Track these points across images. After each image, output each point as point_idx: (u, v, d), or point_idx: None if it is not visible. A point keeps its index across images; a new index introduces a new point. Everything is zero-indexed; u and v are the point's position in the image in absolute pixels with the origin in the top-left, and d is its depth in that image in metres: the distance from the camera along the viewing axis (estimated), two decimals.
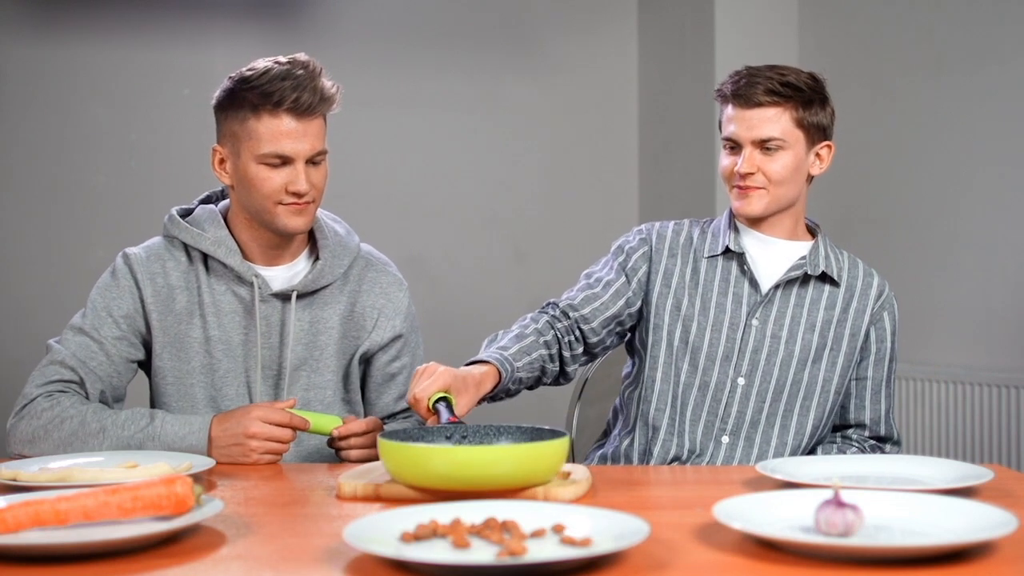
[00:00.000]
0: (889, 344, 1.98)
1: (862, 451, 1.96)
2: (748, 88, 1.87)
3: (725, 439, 1.89)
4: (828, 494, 1.17)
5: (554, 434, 1.47)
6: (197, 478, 1.54)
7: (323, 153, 1.79)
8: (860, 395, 1.96)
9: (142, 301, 1.81)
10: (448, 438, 1.52)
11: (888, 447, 1.98)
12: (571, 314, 1.93)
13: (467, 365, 1.75)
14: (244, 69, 1.78)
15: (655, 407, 1.92)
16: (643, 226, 2.03)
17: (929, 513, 1.21)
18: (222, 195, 1.96)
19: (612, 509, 1.20)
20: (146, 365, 1.88)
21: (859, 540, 1.11)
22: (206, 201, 1.95)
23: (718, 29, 3.73)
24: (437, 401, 1.59)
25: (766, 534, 1.11)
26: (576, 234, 4.04)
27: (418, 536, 1.13)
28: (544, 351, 1.88)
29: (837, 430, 2.00)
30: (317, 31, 3.82)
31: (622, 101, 4.15)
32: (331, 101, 1.78)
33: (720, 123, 1.94)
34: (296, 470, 1.67)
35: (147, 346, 1.85)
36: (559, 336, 1.92)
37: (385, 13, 3.94)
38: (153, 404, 1.86)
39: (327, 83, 1.77)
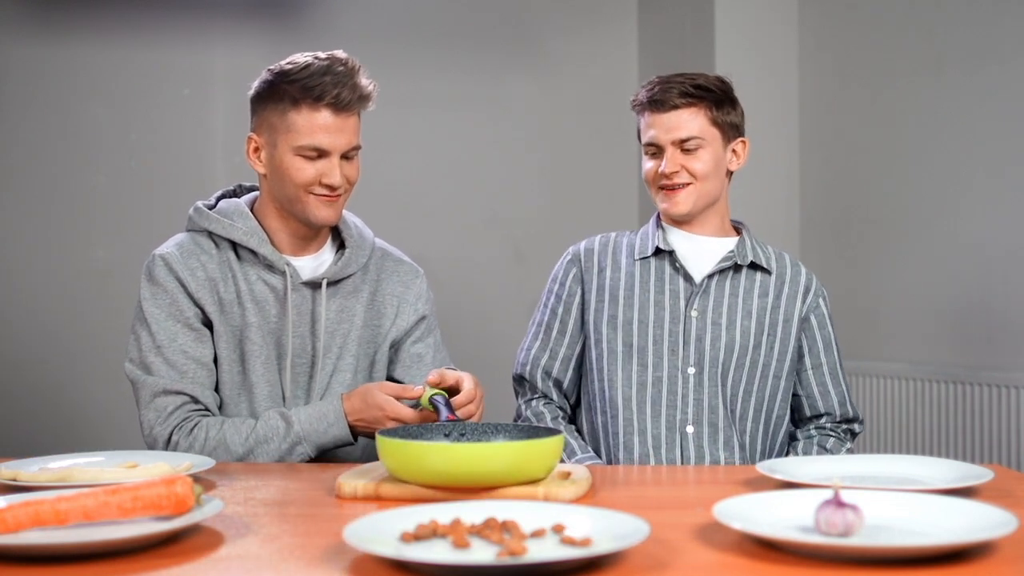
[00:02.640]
0: (830, 329, 2.08)
1: (839, 439, 2.04)
2: (663, 94, 1.98)
3: (690, 429, 1.95)
4: (828, 494, 1.17)
5: (549, 432, 1.49)
6: (197, 478, 1.54)
7: (357, 148, 1.83)
8: (821, 382, 2.05)
9: (191, 296, 1.81)
10: (447, 436, 1.53)
11: (857, 426, 2.08)
12: (553, 393, 2.07)
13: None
14: (283, 63, 1.80)
15: (610, 415, 1.98)
16: (570, 248, 2.13)
17: (929, 513, 1.21)
18: (234, 193, 1.98)
19: (612, 509, 1.20)
20: None
21: (859, 540, 1.11)
22: (223, 197, 1.97)
23: (718, 29, 3.74)
24: (435, 396, 1.64)
25: (766, 534, 1.11)
26: (576, 234, 4.01)
27: (418, 536, 1.13)
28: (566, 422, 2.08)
29: (810, 421, 2.07)
30: (317, 31, 3.82)
31: (622, 101, 4.13)
32: (368, 99, 1.82)
33: (639, 132, 2.05)
34: (296, 470, 1.67)
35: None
36: (559, 406, 2.08)
37: (385, 13, 3.94)
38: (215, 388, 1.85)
39: (365, 81, 1.81)
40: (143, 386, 1.78)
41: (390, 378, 1.96)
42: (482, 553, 1.09)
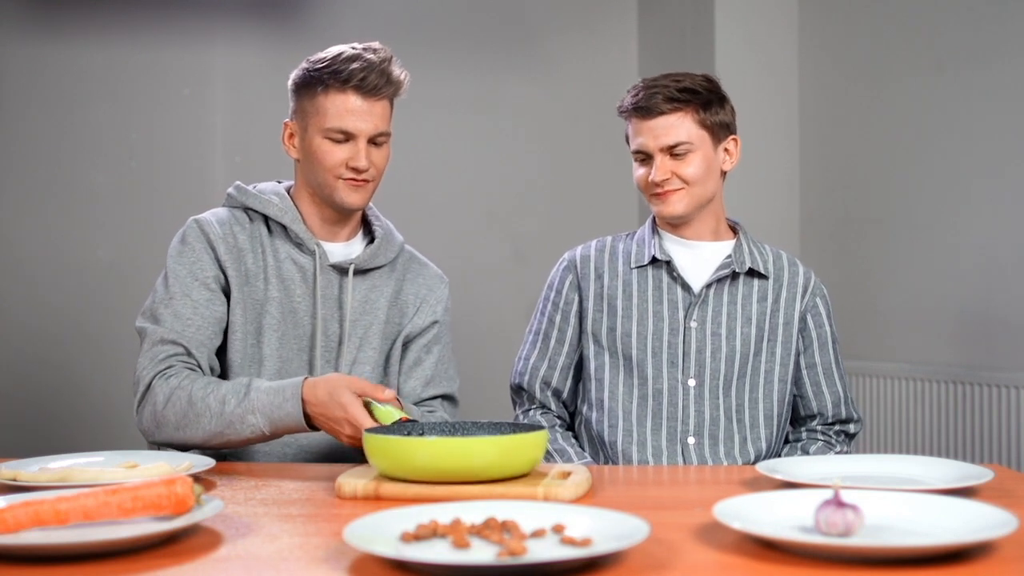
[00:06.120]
0: (828, 328, 2.05)
1: (828, 442, 2.03)
2: (648, 100, 1.95)
3: (691, 440, 1.94)
4: (828, 494, 1.17)
5: (532, 428, 1.52)
6: (197, 478, 1.54)
7: (386, 135, 1.87)
8: (815, 382, 2.03)
9: (218, 259, 1.84)
10: (408, 434, 1.54)
11: (852, 427, 2.05)
12: (552, 403, 2.06)
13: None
14: (320, 53, 1.87)
15: (608, 424, 1.97)
16: (565, 255, 2.10)
17: (929, 513, 1.21)
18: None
19: (612, 509, 1.20)
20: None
21: (859, 540, 1.11)
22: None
23: (718, 29, 3.74)
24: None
25: (766, 534, 1.11)
26: (576, 234, 4.02)
27: (418, 536, 1.13)
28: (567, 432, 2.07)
29: (803, 422, 2.06)
30: (317, 31, 3.82)
31: None
32: (397, 85, 1.87)
33: (627, 137, 2.03)
34: (296, 470, 1.67)
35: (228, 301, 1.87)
36: (558, 415, 2.07)
37: (385, 13, 3.94)
38: (225, 356, 1.84)
39: (396, 69, 1.86)
40: (147, 335, 1.79)
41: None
42: (482, 553, 1.09)
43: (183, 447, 1.75)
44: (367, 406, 1.61)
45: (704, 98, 1.95)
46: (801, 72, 3.84)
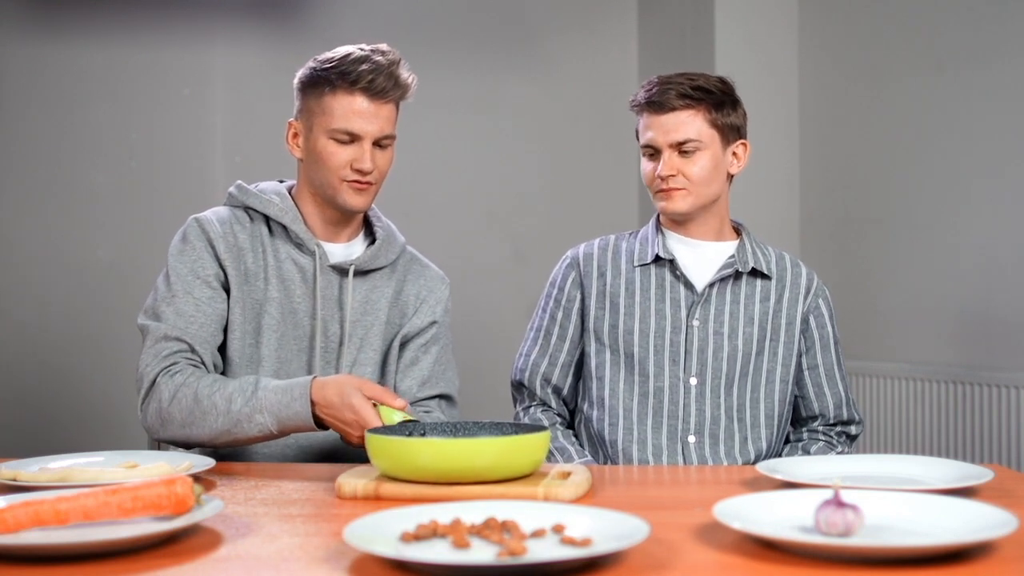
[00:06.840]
0: (830, 329, 2.06)
1: (829, 442, 2.04)
2: (661, 95, 1.95)
3: (691, 439, 1.94)
4: (828, 494, 1.17)
5: (534, 429, 1.52)
6: (197, 478, 1.54)
7: (391, 138, 1.87)
8: (817, 383, 2.03)
9: (217, 258, 1.84)
10: (409, 434, 1.53)
11: (854, 428, 2.06)
12: (552, 400, 2.07)
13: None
14: (328, 52, 1.86)
15: (608, 423, 1.97)
16: (568, 252, 2.10)
17: (929, 513, 1.21)
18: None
19: (612, 509, 1.20)
20: None
21: (859, 540, 1.11)
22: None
23: (718, 29, 3.74)
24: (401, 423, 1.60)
25: (766, 534, 1.11)
26: (576, 234, 4.02)
27: (418, 536, 1.13)
28: (567, 429, 2.07)
29: (804, 423, 2.06)
30: (317, 31, 3.82)
31: (622, 101, 4.12)
32: (405, 89, 1.86)
33: (637, 132, 2.02)
34: (296, 470, 1.67)
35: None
36: (558, 412, 2.08)
37: (385, 13, 3.94)
38: (224, 354, 1.84)
39: (404, 72, 1.86)
40: (149, 332, 1.79)
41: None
42: (482, 553, 1.09)
43: (188, 444, 1.75)
44: (375, 408, 1.61)
45: (717, 98, 1.95)
46: (801, 72, 3.84)
